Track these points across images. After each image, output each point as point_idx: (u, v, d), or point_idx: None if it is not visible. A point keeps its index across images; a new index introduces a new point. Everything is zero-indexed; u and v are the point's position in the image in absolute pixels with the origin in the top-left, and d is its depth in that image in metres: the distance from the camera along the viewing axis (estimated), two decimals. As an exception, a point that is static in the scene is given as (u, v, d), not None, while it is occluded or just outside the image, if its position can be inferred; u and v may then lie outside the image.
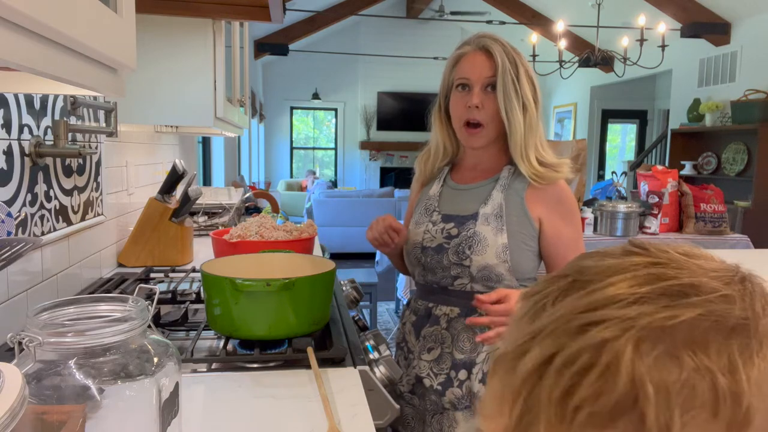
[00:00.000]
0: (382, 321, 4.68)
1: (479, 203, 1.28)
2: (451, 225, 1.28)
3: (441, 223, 1.30)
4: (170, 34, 1.71)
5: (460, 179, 1.37)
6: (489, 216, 1.26)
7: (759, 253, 2.63)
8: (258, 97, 8.61)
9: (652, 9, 6.05)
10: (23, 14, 0.48)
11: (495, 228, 1.24)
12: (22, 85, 0.90)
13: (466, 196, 1.32)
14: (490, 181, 1.31)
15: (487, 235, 1.24)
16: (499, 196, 1.27)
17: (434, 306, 1.31)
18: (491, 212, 1.26)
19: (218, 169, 6.12)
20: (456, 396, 1.25)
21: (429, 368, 1.29)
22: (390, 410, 1.04)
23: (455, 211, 1.31)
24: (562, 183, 1.29)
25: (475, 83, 1.24)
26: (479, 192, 1.30)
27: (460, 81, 1.27)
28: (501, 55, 1.23)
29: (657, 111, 9.09)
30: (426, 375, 1.29)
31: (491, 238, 1.24)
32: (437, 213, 1.33)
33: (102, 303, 0.70)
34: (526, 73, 1.25)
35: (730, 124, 5.68)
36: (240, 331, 1.12)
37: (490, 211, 1.26)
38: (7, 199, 1.16)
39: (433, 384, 1.28)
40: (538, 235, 1.28)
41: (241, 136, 4.54)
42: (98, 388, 0.61)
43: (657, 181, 4.06)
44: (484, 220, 1.25)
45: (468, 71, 1.25)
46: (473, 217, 1.27)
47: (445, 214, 1.31)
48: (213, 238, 1.57)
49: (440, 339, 1.29)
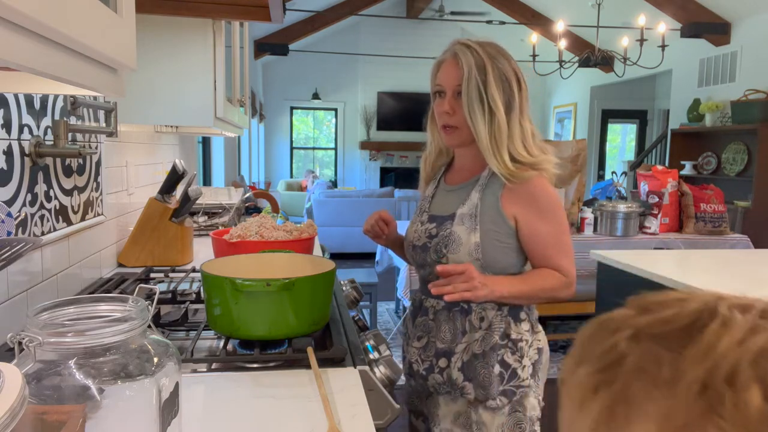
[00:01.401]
0: (382, 321, 4.68)
1: (459, 204, 1.34)
2: (433, 225, 1.36)
3: (427, 223, 1.38)
4: (170, 34, 1.71)
5: (450, 180, 1.43)
6: (464, 216, 1.32)
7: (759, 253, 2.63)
8: (258, 97, 8.61)
9: (652, 9, 6.05)
10: (23, 14, 0.48)
11: (469, 228, 1.30)
12: (22, 85, 0.90)
13: (451, 196, 1.38)
14: (472, 181, 1.36)
15: (461, 235, 1.30)
16: (476, 197, 1.32)
17: (425, 298, 1.40)
18: (467, 212, 1.32)
19: (218, 169, 6.12)
20: (437, 381, 1.34)
21: (417, 354, 1.38)
22: (390, 410, 1.04)
23: (440, 211, 1.38)
24: (538, 180, 1.30)
25: (447, 90, 1.32)
26: (461, 193, 1.36)
27: (436, 88, 1.35)
28: (468, 63, 1.27)
29: (657, 111, 9.09)
30: (414, 360, 1.39)
31: (465, 237, 1.30)
32: (426, 213, 1.41)
33: (102, 303, 0.70)
34: (499, 76, 1.28)
35: (730, 124, 5.68)
36: (240, 331, 1.12)
37: (466, 212, 1.32)
38: (7, 199, 1.16)
39: (419, 369, 1.37)
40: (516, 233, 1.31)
41: (241, 136, 4.54)
42: (98, 388, 0.61)
43: (657, 181, 4.06)
44: (460, 221, 1.32)
45: (442, 79, 1.33)
46: (451, 217, 1.33)
47: (431, 215, 1.39)
48: (213, 238, 1.57)
49: (427, 328, 1.38)
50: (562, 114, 9.96)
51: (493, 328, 1.30)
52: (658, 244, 3.90)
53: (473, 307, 1.31)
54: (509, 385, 1.30)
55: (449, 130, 1.34)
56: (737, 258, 2.41)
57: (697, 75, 6.41)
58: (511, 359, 1.30)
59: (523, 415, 1.31)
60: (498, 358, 1.29)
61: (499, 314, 1.31)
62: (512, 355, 1.30)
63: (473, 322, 1.31)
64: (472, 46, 1.29)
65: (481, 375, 1.29)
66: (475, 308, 1.31)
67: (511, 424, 1.30)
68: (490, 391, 1.28)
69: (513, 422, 1.30)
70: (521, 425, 1.31)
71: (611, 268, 2.38)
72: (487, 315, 1.31)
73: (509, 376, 1.30)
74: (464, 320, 1.32)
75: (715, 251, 2.62)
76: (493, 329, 1.30)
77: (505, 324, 1.31)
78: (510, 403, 1.30)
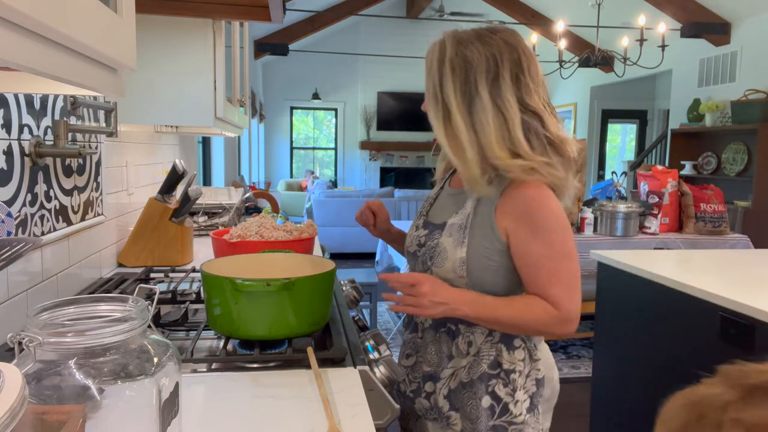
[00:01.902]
0: (382, 321, 4.68)
1: (453, 212, 1.19)
2: (425, 233, 1.23)
3: (421, 228, 1.26)
4: (170, 34, 1.71)
5: (454, 183, 1.27)
6: (454, 227, 1.16)
7: (759, 253, 2.63)
8: (258, 97, 8.61)
9: (652, 9, 6.05)
10: (23, 14, 0.48)
11: (456, 240, 1.15)
12: (22, 85, 0.90)
13: (450, 201, 1.24)
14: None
15: (447, 247, 1.15)
16: (470, 205, 1.16)
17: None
18: (457, 222, 1.16)
19: (218, 169, 6.12)
20: (424, 406, 1.23)
21: (406, 374, 1.28)
22: (390, 410, 1.04)
23: (435, 218, 1.25)
24: (536, 190, 1.10)
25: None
26: (459, 199, 1.21)
27: None
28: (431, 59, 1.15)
29: (657, 111, 9.09)
30: (402, 380, 1.28)
31: (450, 250, 1.15)
32: (423, 218, 1.28)
33: (102, 303, 0.70)
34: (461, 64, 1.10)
35: (730, 124, 5.68)
36: (240, 331, 1.12)
37: (456, 221, 1.16)
38: (7, 199, 1.16)
39: (407, 390, 1.27)
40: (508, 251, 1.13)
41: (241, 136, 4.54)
42: (98, 388, 0.61)
43: (657, 181, 4.06)
44: (448, 232, 1.17)
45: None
46: (441, 227, 1.19)
47: (426, 221, 1.26)
48: (213, 238, 1.57)
49: (416, 347, 1.27)
50: (562, 114, 9.96)
51: (482, 355, 1.15)
52: (658, 244, 3.90)
53: (461, 330, 1.17)
54: (500, 421, 1.14)
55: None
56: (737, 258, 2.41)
57: (697, 75, 6.41)
58: (502, 392, 1.14)
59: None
60: (488, 389, 1.14)
61: (489, 340, 1.15)
62: (504, 388, 1.14)
63: (460, 346, 1.17)
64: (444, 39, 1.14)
65: (469, 406, 1.15)
66: (463, 331, 1.17)
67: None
68: (477, 425, 1.14)
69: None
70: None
71: (611, 268, 2.38)
72: (475, 340, 1.16)
73: (500, 410, 1.14)
74: (450, 343, 1.18)
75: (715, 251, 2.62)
76: (482, 356, 1.15)
77: (496, 351, 1.15)
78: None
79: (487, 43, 1.11)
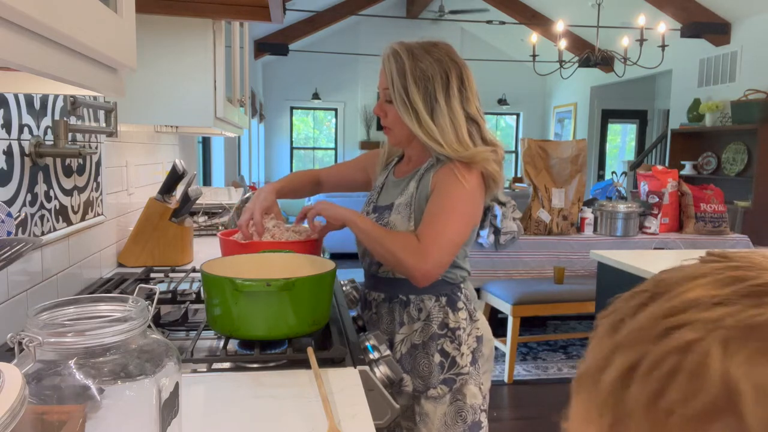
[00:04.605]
0: (382, 321, 4.66)
1: (398, 194, 1.38)
2: (375, 216, 1.41)
3: (372, 214, 1.43)
4: (170, 34, 1.71)
5: (398, 173, 1.48)
6: (401, 206, 1.36)
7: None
8: (258, 97, 8.61)
9: (652, 9, 6.05)
10: (23, 14, 0.48)
11: (404, 216, 1.34)
12: (22, 85, 0.90)
13: (395, 188, 1.42)
14: (413, 173, 1.40)
15: (397, 224, 1.34)
16: (413, 186, 1.36)
17: (368, 292, 1.46)
18: (403, 202, 1.35)
19: (218, 169, 6.12)
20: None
21: None
22: (390, 410, 1.04)
23: (383, 202, 1.43)
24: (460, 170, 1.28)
25: (381, 94, 1.38)
26: (402, 184, 1.40)
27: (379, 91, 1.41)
28: (390, 70, 1.31)
29: (657, 111, 9.09)
30: None
31: (401, 225, 1.33)
32: (372, 204, 1.46)
33: (102, 303, 0.70)
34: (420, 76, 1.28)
35: (730, 124, 5.67)
36: (240, 331, 1.12)
37: (402, 201, 1.36)
38: (7, 199, 1.16)
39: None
40: None
41: (241, 136, 4.54)
42: (98, 388, 0.61)
43: (657, 181, 4.07)
44: (396, 210, 1.36)
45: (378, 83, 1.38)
46: (390, 207, 1.38)
47: (375, 206, 1.44)
48: (221, 239, 1.55)
49: (372, 322, 1.43)
50: (562, 114, 9.96)
51: (432, 318, 1.34)
52: (658, 244, 3.90)
53: (411, 299, 1.36)
54: (449, 374, 1.33)
55: (386, 129, 1.40)
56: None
57: (697, 75, 6.41)
58: (450, 347, 1.34)
59: (464, 403, 1.34)
60: (438, 347, 1.34)
61: (437, 304, 1.35)
62: (451, 344, 1.34)
63: (411, 313, 1.36)
64: (398, 51, 1.31)
65: (422, 365, 1.34)
66: (414, 299, 1.36)
67: (452, 413, 1.33)
68: (430, 380, 1.33)
69: (454, 411, 1.33)
70: (462, 414, 1.34)
71: (611, 268, 2.38)
72: (425, 306, 1.35)
73: (449, 364, 1.33)
74: (402, 311, 1.37)
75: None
76: (432, 319, 1.34)
77: (443, 314, 1.35)
78: (451, 392, 1.33)
79: (436, 58, 1.30)
